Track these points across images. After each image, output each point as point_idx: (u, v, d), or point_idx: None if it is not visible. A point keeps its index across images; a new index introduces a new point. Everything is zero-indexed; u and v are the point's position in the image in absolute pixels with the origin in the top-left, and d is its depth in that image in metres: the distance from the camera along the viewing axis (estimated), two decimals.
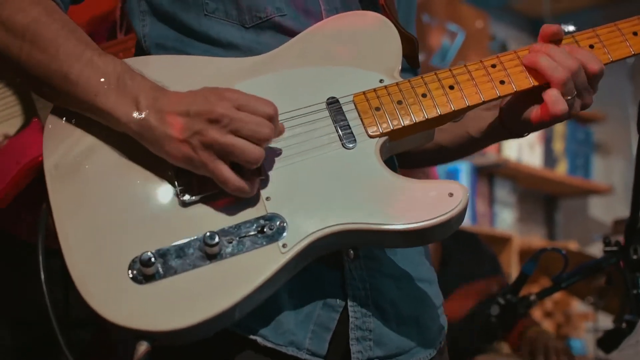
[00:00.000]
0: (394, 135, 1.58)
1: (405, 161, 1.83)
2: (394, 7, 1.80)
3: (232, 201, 1.47)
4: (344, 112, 1.57)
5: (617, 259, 2.50)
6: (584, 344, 5.52)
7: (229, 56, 1.63)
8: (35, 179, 2.05)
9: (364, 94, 1.59)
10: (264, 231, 1.45)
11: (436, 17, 5.30)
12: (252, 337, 1.52)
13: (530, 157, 5.93)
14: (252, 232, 1.45)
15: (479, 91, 1.62)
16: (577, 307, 5.71)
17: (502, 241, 5.60)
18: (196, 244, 1.44)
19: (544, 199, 6.56)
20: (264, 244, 1.45)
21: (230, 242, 1.44)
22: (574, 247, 5.72)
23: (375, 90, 1.60)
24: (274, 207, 1.48)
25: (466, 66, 1.64)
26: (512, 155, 5.78)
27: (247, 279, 1.42)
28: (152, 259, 1.40)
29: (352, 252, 1.59)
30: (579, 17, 6.02)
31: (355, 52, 1.65)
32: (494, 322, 2.67)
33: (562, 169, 6.19)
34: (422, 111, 1.59)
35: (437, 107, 1.59)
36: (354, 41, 1.66)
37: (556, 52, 1.61)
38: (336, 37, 1.65)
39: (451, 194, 1.49)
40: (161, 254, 1.42)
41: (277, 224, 1.46)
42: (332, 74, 1.62)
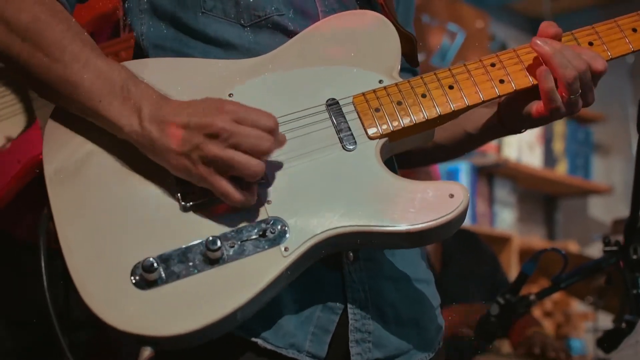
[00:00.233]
0: (394, 136, 1.57)
1: (404, 161, 1.82)
2: (392, 6, 1.79)
3: (233, 206, 1.46)
4: (343, 114, 1.57)
5: (616, 258, 2.50)
6: (583, 344, 5.52)
7: (227, 55, 1.63)
8: (34, 178, 2.05)
9: (364, 95, 1.59)
10: (266, 235, 1.45)
11: (436, 17, 5.29)
12: (253, 339, 1.52)
13: (530, 157, 5.93)
14: (254, 236, 1.45)
15: (478, 90, 1.61)
16: (577, 307, 5.71)
17: (502, 241, 5.60)
18: (198, 249, 1.43)
19: (543, 199, 6.56)
20: (266, 247, 1.44)
21: (232, 247, 1.44)
22: (573, 247, 5.72)
23: (374, 91, 1.59)
24: (275, 210, 1.47)
25: (465, 65, 1.63)
26: (512, 155, 5.78)
27: (250, 283, 1.42)
28: (155, 264, 1.39)
29: (351, 254, 1.59)
30: (579, 16, 6.02)
31: (354, 52, 1.64)
32: (493, 321, 2.66)
33: (562, 169, 6.19)
34: (421, 112, 1.58)
35: (436, 107, 1.59)
36: (352, 41, 1.65)
37: (567, 51, 1.60)
38: (335, 37, 1.65)
39: (452, 195, 1.49)
40: (163, 259, 1.42)
41: (279, 228, 1.46)
42: (331, 75, 1.61)
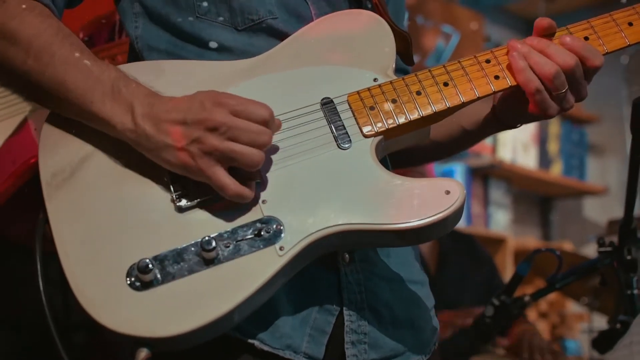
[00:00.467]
0: (389, 134, 1.57)
1: (400, 160, 1.82)
2: (385, 4, 1.79)
3: (228, 205, 1.47)
4: (338, 112, 1.57)
5: (611, 259, 2.50)
6: (578, 344, 5.52)
7: (221, 59, 1.63)
8: (29, 180, 2.04)
9: (358, 93, 1.58)
10: (261, 234, 1.45)
11: (431, 18, 5.29)
12: (250, 341, 1.52)
13: (524, 158, 5.93)
14: (249, 236, 1.45)
15: (473, 87, 1.61)
16: (572, 307, 5.72)
17: (497, 242, 5.60)
18: (193, 249, 1.43)
19: (538, 200, 6.56)
20: (261, 247, 1.44)
21: (227, 247, 1.44)
22: (568, 247, 5.72)
23: (369, 89, 1.59)
24: (270, 210, 1.47)
25: (460, 62, 1.63)
26: (506, 156, 5.78)
27: (245, 282, 1.41)
28: (150, 265, 1.39)
29: (347, 255, 1.60)
30: (574, 17, 6.00)
31: (348, 51, 1.64)
32: (488, 322, 2.67)
33: (556, 170, 6.20)
34: (416, 109, 1.58)
35: (431, 104, 1.58)
36: (347, 40, 1.65)
37: (551, 48, 1.59)
38: (329, 36, 1.65)
39: (448, 192, 1.49)
40: (159, 260, 1.42)
41: (274, 227, 1.46)
42: (326, 74, 1.61)
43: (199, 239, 1.43)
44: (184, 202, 1.47)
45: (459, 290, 3.85)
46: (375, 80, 1.61)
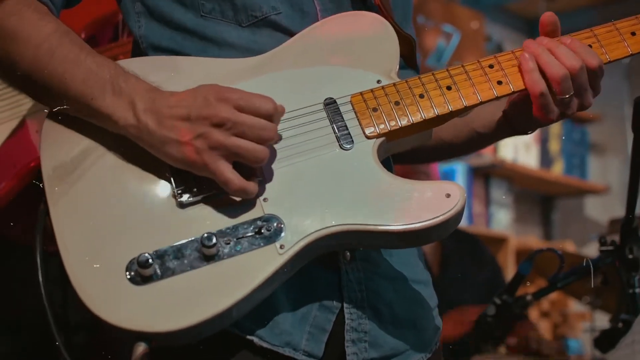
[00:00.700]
0: (391, 135, 1.57)
1: (408, 157, 1.82)
2: (389, 7, 1.79)
3: (229, 202, 1.47)
4: (341, 113, 1.57)
5: (613, 258, 2.50)
6: (581, 343, 5.52)
7: (224, 55, 1.63)
8: (31, 183, 2.05)
9: (361, 94, 1.59)
10: (262, 232, 1.45)
11: (431, 18, 5.30)
12: (249, 337, 1.52)
13: (526, 157, 5.94)
14: (250, 233, 1.45)
15: (476, 91, 1.61)
16: (574, 307, 5.72)
17: (499, 242, 5.61)
18: (194, 245, 1.43)
19: (540, 199, 6.56)
20: (262, 245, 1.45)
21: (227, 243, 1.44)
22: (570, 247, 5.72)
23: (372, 90, 1.59)
24: (271, 208, 1.48)
25: (463, 66, 1.64)
26: (508, 155, 5.79)
27: (245, 280, 1.42)
28: (150, 260, 1.40)
29: (348, 254, 1.60)
30: (575, 17, 6.02)
31: (352, 52, 1.64)
32: (490, 322, 2.67)
33: (558, 169, 6.20)
34: (419, 112, 1.58)
35: (434, 107, 1.59)
36: (351, 41, 1.65)
37: (560, 49, 1.60)
38: (333, 37, 1.65)
39: (448, 195, 1.49)
40: (159, 255, 1.42)
41: (275, 225, 1.46)
42: (329, 75, 1.61)
43: (200, 235, 1.43)
44: (185, 198, 1.47)
45: (462, 290, 3.86)
46: (378, 82, 1.61)
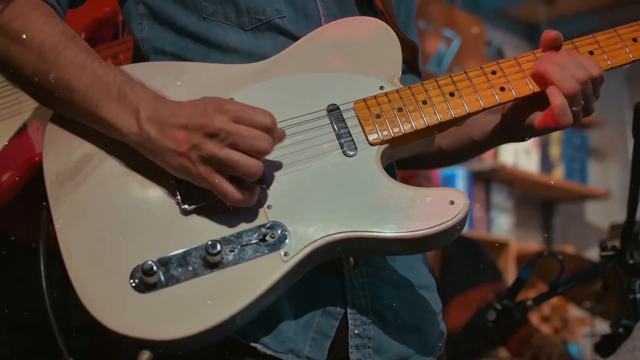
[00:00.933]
0: (394, 142, 1.57)
1: (406, 163, 1.82)
2: (393, 12, 1.79)
3: (233, 210, 1.47)
4: (344, 119, 1.57)
5: (613, 263, 2.50)
6: (581, 349, 5.52)
7: (228, 60, 1.63)
8: (33, 179, 2.04)
9: (365, 101, 1.59)
10: (266, 239, 1.45)
11: (432, 23, 5.30)
12: (252, 344, 1.52)
13: (526, 162, 5.94)
14: (254, 241, 1.45)
15: (479, 98, 1.61)
16: (574, 312, 5.71)
17: (499, 246, 5.60)
18: (198, 253, 1.43)
19: (540, 204, 6.56)
20: (266, 252, 1.44)
21: (231, 251, 1.44)
22: (571, 251, 5.72)
23: (375, 97, 1.59)
24: (275, 215, 1.48)
25: (466, 72, 1.64)
26: (508, 160, 5.79)
27: (249, 287, 1.42)
28: (154, 267, 1.40)
29: (352, 259, 1.60)
30: (575, 22, 6.03)
31: (355, 58, 1.64)
32: (491, 327, 2.67)
33: (558, 174, 6.20)
34: (422, 118, 1.58)
35: (437, 114, 1.59)
36: (354, 47, 1.65)
37: (568, 63, 1.60)
38: (336, 43, 1.65)
39: (452, 202, 1.49)
40: (163, 262, 1.42)
41: (279, 233, 1.46)
42: (332, 81, 1.61)
43: (204, 243, 1.43)
44: (188, 206, 1.47)
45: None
46: (381, 88, 1.61)
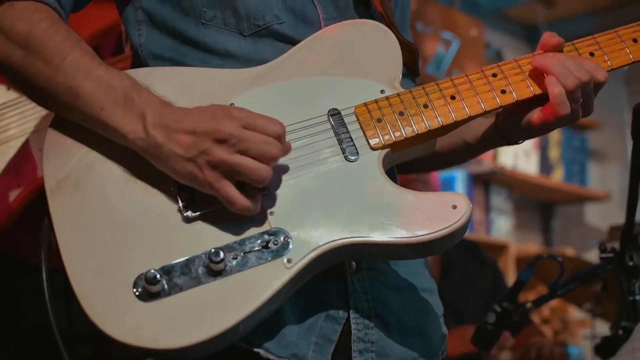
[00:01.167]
0: (396, 146, 1.57)
1: (402, 167, 1.81)
2: (392, 15, 1.78)
3: (236, 216, 1.46)
4: (345, 124, 1.56)
5: (613, 265, 2.50)
6: (581, 350, 5.52)
7: (226, 65, 1.62)
8: (34, 199, 2.05)
9: (366, 105, 1.58)
10: (269, 246, 1.45)
11: (431, 25, 5.30)
12: (255, 349, 1.51)
13: (526, 164, 5.94)
14: (257, 248, 1.45)
15: (480, 101, 1.61)
16: (574, 313, 5.72)
17: (499, 248, 5.61)
18: (201, 261, 1.43)
19: (540, 206, 6.57)
20: (269, 259, 1.44)
21: (235, 258, 1.43)
22: (570, 253, 5.73)
23: (376, 101, 1.59)
24: (278, 222, 1.47)
25: (467, 75, 1.63)
26: (507, 162, 5.79)
27: (253, 295, 1.41)
28: (157, 276, 1.39)
29: (354, 264, 1.60)
30: (574, 23, 6.03)
31: (355, 62, 1.63)
32: (490, 329, 2.66)
33: (557, 176, 6.20)
34: (423, 122, 1.58)
35: (438, 117, 1.59)
36: (354, 51, 1.64)
37: (569, 61, 1.61)
38: (336, 46, 1.64)
39: (455, 206, 1.49)
40: (166, 270, 1.41)
41: (282, 239, 1.45)
42: (332, 85, 1.60)
43: (207, 250, 1.43)
44: (191, 213, 1.46)
45: (463, 296, 3.85)
46: (382, 92, 1.60)
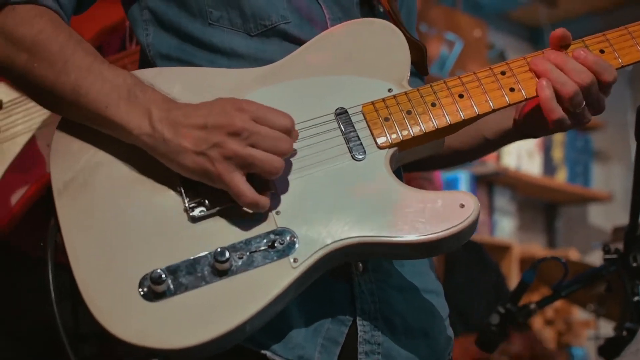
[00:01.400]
0: (403, 145, 1.56)
1: (414, 164, 1.79)
2: (399, 13, 1.77)
3: (241, 216, 1.46)
4: (352, 123, 1.55)
5: (616, 266, 2.50)
6: (585, 351, 5.52)
7: (233, 65, 1.62)
8: (42, 196, 2.05)
9: (373, 104, 1.57)
10: (275, 246, 1.44)
11: (434, 26, 5.30)
12: (262, 351, 1.51)
13: (529, 165, 5.94)
14: (263, 247, 1.44)
15: (488, 99, 1.59)
16: (578, 315, 5.71)
17: (502, 250, 5.60)
18: (206, 260, 1.42)
19: (543, 207, 6.57)
20: (275, 258, 1.43)
21: (240, 258, 1.43)
22: (574, 254, 5.73)
23: (384, 100, 1.58)
24: (284, 221, 1.46)
25: (475, 73, 1.62)
26: (511, 163, 5.79)
27: (259, 294, 1.41)
28: (163, 275, 1.39)
29: (360, 265, 1.59)
30: (577, 24, 6.03)
31: (363, 60, 1.63)
32: (494, 331, 2.66)
33: (561, 177, 6.20)
34: (431, 121, 1.57)
35: (446, 116, 1.57)
36: (361, 49, 1.64)
37: (569, 64, 1.59)
38: (343, 45, 1.64)
39: (462, 205, 1.48)
40: (171, 270, 1.41)
41: (288, 239, 1.45)
42: (340, 84, 1.60)
43: (212, 250, 1.42)
44: (196, 212, 1.46)
45: (467, 297, 3.85)
46: (389, 90, 1.59)
